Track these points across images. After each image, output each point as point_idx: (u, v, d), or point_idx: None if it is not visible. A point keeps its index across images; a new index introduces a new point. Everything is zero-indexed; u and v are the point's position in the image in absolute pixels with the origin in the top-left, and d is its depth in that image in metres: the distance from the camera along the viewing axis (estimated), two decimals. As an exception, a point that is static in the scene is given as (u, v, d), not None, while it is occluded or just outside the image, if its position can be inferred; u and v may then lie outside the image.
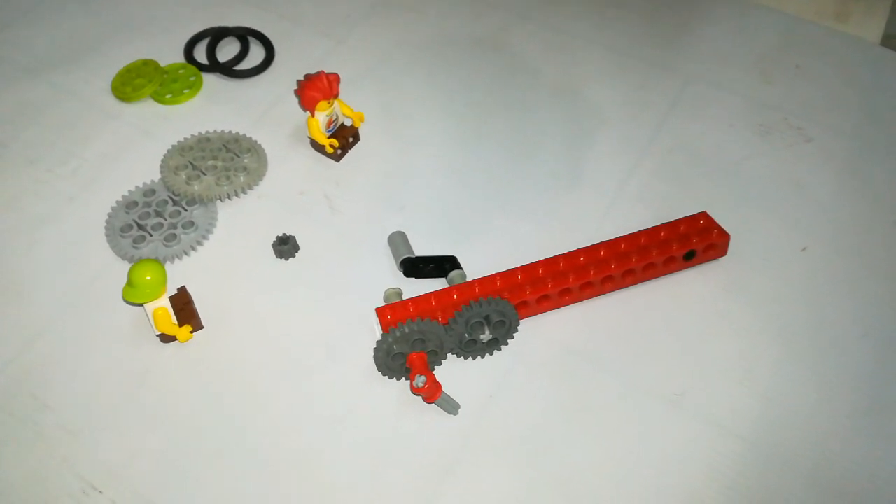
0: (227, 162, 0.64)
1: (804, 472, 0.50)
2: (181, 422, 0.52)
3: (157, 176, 0.64)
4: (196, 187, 0.62)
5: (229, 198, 0.63)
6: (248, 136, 0.66)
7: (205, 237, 0.60)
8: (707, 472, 0.50)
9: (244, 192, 0.63)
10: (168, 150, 0.64)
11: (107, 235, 0.60)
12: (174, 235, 0.60)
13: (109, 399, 0.53)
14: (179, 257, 0.59)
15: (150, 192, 0.62)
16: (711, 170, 0.65)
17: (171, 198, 0.62)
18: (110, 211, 0.62)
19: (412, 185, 0.64)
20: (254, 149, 0.65)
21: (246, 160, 0.64)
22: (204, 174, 0.63)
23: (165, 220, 0.61)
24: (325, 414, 0.53)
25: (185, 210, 0.61)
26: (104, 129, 0.68)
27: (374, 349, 0.52)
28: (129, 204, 0.62)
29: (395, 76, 0.72)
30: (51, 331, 0.56)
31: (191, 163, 0.63)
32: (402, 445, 0.51)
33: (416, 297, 0.55)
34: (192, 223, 0.61)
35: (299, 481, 0.50)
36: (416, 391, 0.51)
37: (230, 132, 0.66)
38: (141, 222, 0.61)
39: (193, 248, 0.60)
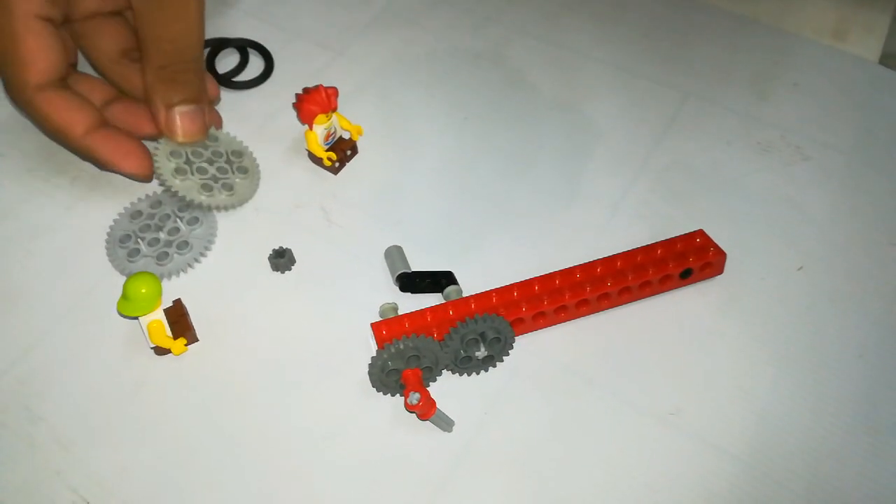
0: (218, 172, 0.62)
1: (798, 492, 0.50)
2: (174, 435, 0.52)
3: (156, 189, 0.63)
4: (178, 181, 0.60)
5: (201, 209, 0.61)
6: (252, 154, 0.65)
7: (197, 260, 0.60)
8: (701, 492, 0.50)
9: (220, 211, 0.62)
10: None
11: (107, 245, 0.60)
12: (167, 254, 0.59)
13: (103, 412, 0.53)
14: (168, 277, 0.59)
15: (156, 203, 0.62)
16: (708, 187, 0.65)
17: (174, 213, 0.61)
18: (116, 217, 0.61)
19: (409, 198, 0.64)
20: (251, 171, 0.64)
21: (237, 180, 0.63)
22: (193, 174, 0.61)
23: (162, 237, 0.60)
24: (318, 428, 0.52)
25: (184, 227, 0.61)
26: (102, 139, 0.68)
27: (369, 365, 0.52)
28: (133, 214, 0.61)
29: (394, 89, 0.72)
30: (45, 342, 0.56)
31: (186, 154, 0.61)
32: (395, 461, 0.51)
33: (412, 312, 0.54)
34: (186, 244, 0.60)
35: (291, 496, 0.50)
36: (410, 408, 0.50)
37: (240, 141, 0.65)
38: (141, 234, 0.60)
39: (184, 271, 0.59)
